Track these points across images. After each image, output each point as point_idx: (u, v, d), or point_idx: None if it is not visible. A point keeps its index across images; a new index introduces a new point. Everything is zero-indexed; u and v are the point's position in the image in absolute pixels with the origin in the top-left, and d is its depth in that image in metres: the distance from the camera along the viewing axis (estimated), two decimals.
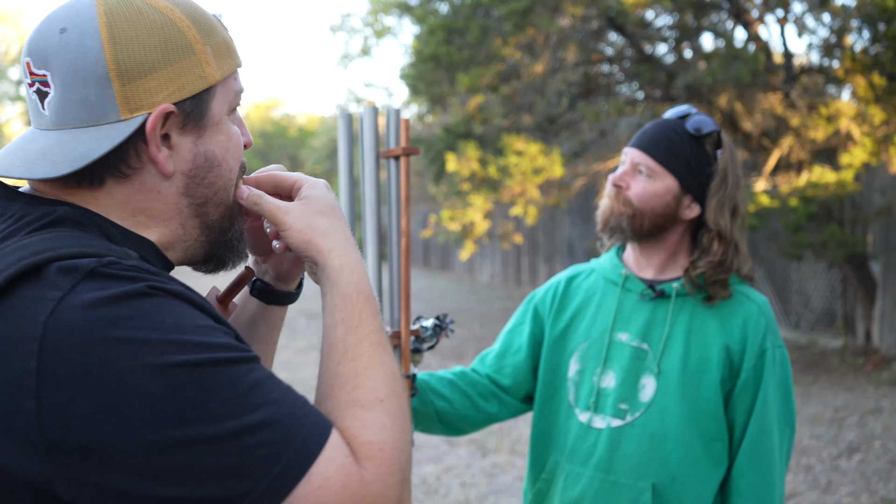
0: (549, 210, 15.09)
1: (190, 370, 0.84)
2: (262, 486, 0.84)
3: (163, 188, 1.01)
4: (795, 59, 8.97)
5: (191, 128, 1.01)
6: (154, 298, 0.87)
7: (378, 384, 0.96)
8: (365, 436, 0.92)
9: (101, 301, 0.85)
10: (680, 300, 1.92)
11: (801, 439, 6.21)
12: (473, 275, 20.47)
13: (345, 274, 1.03)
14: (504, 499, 5.15)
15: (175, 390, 0.83)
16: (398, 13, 13.08)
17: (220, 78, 1.03)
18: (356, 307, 1.01)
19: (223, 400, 0.84)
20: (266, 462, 0.85)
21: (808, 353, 9.23)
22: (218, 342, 0.88)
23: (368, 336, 1.00)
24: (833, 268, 9.53)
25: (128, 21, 0.96)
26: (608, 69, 9.74)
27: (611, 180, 1.95)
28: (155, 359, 0.83)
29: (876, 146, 7.70)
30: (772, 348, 1.86)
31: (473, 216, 8.87)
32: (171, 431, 0.82)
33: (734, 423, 1.87)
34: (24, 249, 0.89)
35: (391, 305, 1.80)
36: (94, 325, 0.83)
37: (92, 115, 0.96)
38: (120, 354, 0.83)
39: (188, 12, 1.01)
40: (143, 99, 0.96)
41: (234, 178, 1.07)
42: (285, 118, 38.50)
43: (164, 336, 0.85)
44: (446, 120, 9.77)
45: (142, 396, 0.82)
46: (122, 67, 0.95)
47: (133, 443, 0.82)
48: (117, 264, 0.89)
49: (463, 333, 11.52)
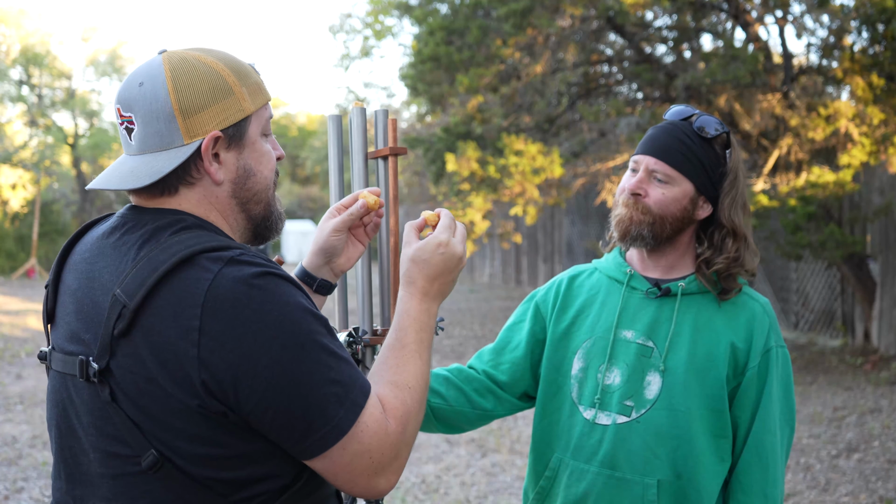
0: (548, 210, 15.10)
1: (298, 335, 1.26)
2: (331, 424, 1.27)
3: (217, 192, 1.41)
4: (794, 59, 8.98)
5: (234, 147, 1.40)
6: (274, 278, 1.28)
7: (409, 376, 1.40)
8: (392, 403, 1.35)
9: (242, 279, 1.26)
10: (686, 299, 1.93)
11: (800, 438, 6.22)
12: (473, 274, 20.49)
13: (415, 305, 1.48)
14: (504, 498, 5.16)
15: (289, 349, 1.25)
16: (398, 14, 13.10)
17: (253, 110, 1.41)
18: (410, 327, 1.46)
19: (315, 359, 1.27)
20: (334, 405, 1.27)
21: (807, 353, 9.23)
22: (313, 316, 1.30)
23: (412, 344, 1.44)
24: (832, 267, 9.54)
25: (185, 74, 1.36)
26: (608, 69, 9.75)
27: (628, 189, 1.93)
28: (278, 321, 1.25)
29: (875, 146, 7.71)
30: (775, 347, 1.89)
31: (473, 216, 8.88)
32: (281, 377, 1.24)
33: (738, 420, 1.89)
34: (178, 245, 1.29)
35: (381, 304, 1.80)
36: (240, 294, 1.25)
37: (164, 142, 1.36)
38: (254, 318, 1.24)
39: (228, 63, 1.40)
40: (198, 128, 1.36)
41: (270, 183, 1.46)
42: (286, 118, 38.49)
43: (283, 307, 1.26)
44: (446, 120, 9.77)
45: (269, 348, 1.24)
46: (183, 107, 1.35)
47: (259, 380, 1.24)
48: (245, 253, 1.30)
49: (463, 333, 11.53)
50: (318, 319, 1.30)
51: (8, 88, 22.92)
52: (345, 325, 1.82)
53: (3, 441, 6.32)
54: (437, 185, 10.19)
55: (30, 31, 23.08)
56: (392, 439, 1.32)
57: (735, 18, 8.59)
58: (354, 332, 1.72)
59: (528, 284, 17.37)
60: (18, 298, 15.07)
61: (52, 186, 21.75)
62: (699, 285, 1.94)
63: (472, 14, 9.44)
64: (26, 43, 22.80)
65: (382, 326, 1.80)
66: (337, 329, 1.78)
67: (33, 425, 6.75)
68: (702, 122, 1.93)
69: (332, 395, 1.26)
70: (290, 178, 35.76)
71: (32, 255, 19.29)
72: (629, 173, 1.96)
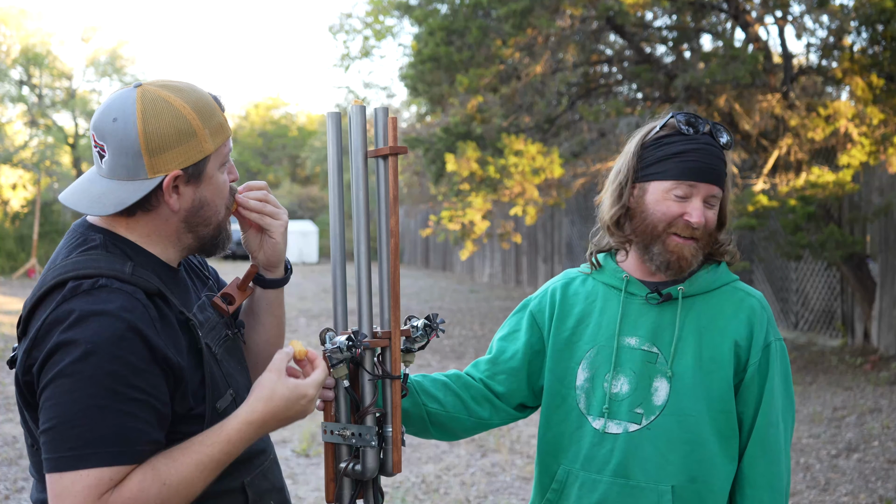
0: (548, 210, 15.10)
1: (88, 374, 1.43)
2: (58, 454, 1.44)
3: (171, 218, 1.62)
4: (794, 59, 8.98)
5: (192, 182, 1.59)
6: (93, 317, 1.45)
7: (174, 473, 1.48)
8: (131, 483, 1.45)
9: (66, 311, 1.47)
10: (686, 301, 1.92)
11: (800, 438, 6.23)
12: (473, 274, 20.49)
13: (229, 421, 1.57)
14: (504, 498, 5.17)
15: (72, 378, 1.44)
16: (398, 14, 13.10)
17: (213, 149, 1.60)
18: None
19: (88, 393, 1.43)
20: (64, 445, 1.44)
21: (806, 353, 9.24)
22: (113, 357, 1.45)
23: (204, 450, 1.52)
24: (831, 268, 9.54)
25: (154, 116, 1.54)
26: (608, 70, 9.75)
27: (692, 222, 1.85)
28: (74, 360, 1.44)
29: (874, 146, 7.72)
30: (774, 341, 1.91)
31: (473, 216, 8.87)
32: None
33: (743, 415, 1.89)
34: (62, 269, 1.53)
35: (381, 305, 1.80)
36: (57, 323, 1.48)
37: (130, 174, 1.56)
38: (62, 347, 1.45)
39: (195, 104, 1.58)
40: (161, 166, 1.55)
41: (221, 210, 1.66)
42: (286, 118, 38.47)
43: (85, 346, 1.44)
44: (446, 120, 9.77)
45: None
46: (150, 147, 1.54)
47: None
48: (100, 285, 1.49)
49: (463, 333, 11.53)
50: (117, 360, 1.44)
51: (8, 88, 22.92)
52: (344, 327, 1.82)
53: (4, 441, 6.33)
54: (437, 186, 10.18)
55: (30, 31, 23.08)
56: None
57: (735, 19, 8.59)
58: (354, 335, 1.72)
59: (528, 285, 17.38)
60: (19, 298, 15.06)
61: (52, 186, 21.73)
62: (698, 287, 1.94)
63: (472, 14, 9.44)
64: (27, 43, 22.81)
65: (382, 328, 1.79)
66: (336, 332, 1.78)
67: None
68: (721, 134, 1.92)
69: (77, 436, 1.42)
70: (291, 178, 35.74)
71: (33, 255, 19.27)
72: (673, 198, 1.88)
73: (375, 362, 1.79)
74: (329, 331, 1.77)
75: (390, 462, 1.78)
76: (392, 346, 1.78)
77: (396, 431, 1.78)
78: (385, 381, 1.79)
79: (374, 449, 1.76)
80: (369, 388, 1.78)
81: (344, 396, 1.78)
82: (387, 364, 1.79)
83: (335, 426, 1.77)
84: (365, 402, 1.77)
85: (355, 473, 1.77)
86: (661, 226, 1.89)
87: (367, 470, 1.76)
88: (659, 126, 1.93)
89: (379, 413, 1.78)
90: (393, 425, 1.78)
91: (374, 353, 1.78)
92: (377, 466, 1.77)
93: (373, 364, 1.78)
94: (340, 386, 1.77)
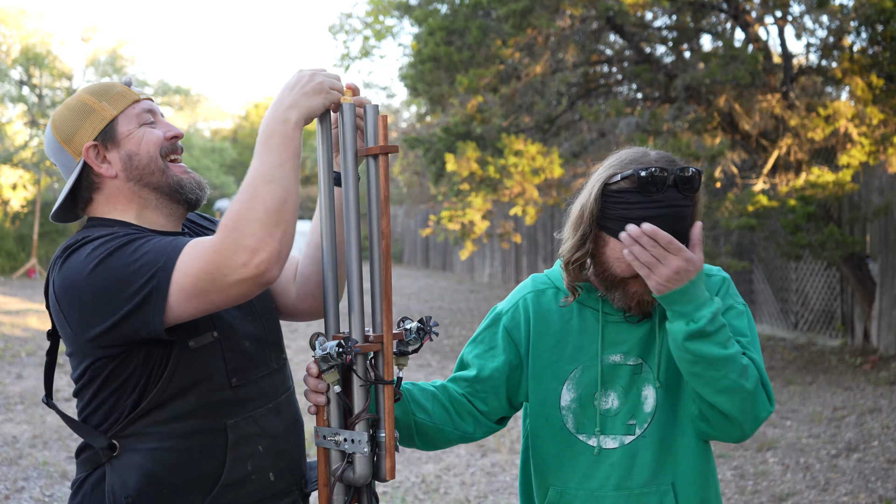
0: (548, 210, 15.08)
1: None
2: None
3: (118, 184, 1.81)
4: (794, 59, 8.98)
5: (111, 146, 1.80)
6: (83, 245, 1.69)
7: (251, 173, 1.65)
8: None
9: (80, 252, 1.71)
10: (662, 310, 1.92)
11: (800, 438, 6.22)
12: (473, 274, 20.48)
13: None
14: (504, 498, 5.17)
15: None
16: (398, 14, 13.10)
17: (116, 113, 1.80)
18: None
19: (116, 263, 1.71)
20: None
21: (806, 353, 9.23)
22: (98, 263, 1.68)
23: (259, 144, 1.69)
24: (831, 267, 9.54)
25: (59, 114, 1.82)
26: (607, 70, 9.74)
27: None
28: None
29: (874, 146, 7.71)
30: (734, 304, 1.93)
31: (473, 216, 8.87)
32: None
33: None
34: (77, 235, 1.76)
35: (373, 307, 1.76)
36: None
37: (68, 168, 1.82)
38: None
39: (88, 90, 1.83)
40: (78, 146, 1.80)
41: (154, 154, 1.80)
42: None
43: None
44: (446, 120, 9.76)
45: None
46: (63, 137, 1.81)
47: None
48: (87, 237, 1.72)
49: (463, 333, 11.53)
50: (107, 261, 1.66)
51: (8, 89, 22.92)
52: (337, 330, 1.80)
53: (4, 441, 6.32)
54: (437, 185, 10.17)
55: (30, 31, 23.07)
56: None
57: (735, 19, 8.59)
58: (344, 342, 1.69)
59: None
60: (19, 298, 15.07)
61: (52, 186, 21.72)
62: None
63: (472, 14, 9.43)
64: (27, 43, 22.80)
65: (374, 332, 1.77)
66: (327, 336, 1.76)
67: (34, 425, 6.76)
68: (687, 185, 1.79)
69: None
70: None
71: (33, 255, 19.27)
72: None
73: (368, 366, 1.76)
74: (319, 335, 1.74)
75: (384, 468, 1.75)
76: (384, 350, 1.75)
77: (389, 437, 1.75)
78: (378, 385, 1.76)
79: (367, 455, 1.74)
80: (361, 393, 1.75)
81: (336, 401, 1.76)
82: (379, 368, 1.76)
83: (327, 431, 1.76)
84: (357, 408, 1.75)
85: (348, 479, 1.75)
86: (619, 277, 1.86)
87: (360, 476, 1.74)
88: (620, 177, 1.80)
89: (371, 418, 1.75)
90: (386, 431, 1.75)
91: (365, 358, 1.76)
92: (370, 473, 1.75)
93: (365, 368, 1.75)
94: (332, 391, 1.75)
